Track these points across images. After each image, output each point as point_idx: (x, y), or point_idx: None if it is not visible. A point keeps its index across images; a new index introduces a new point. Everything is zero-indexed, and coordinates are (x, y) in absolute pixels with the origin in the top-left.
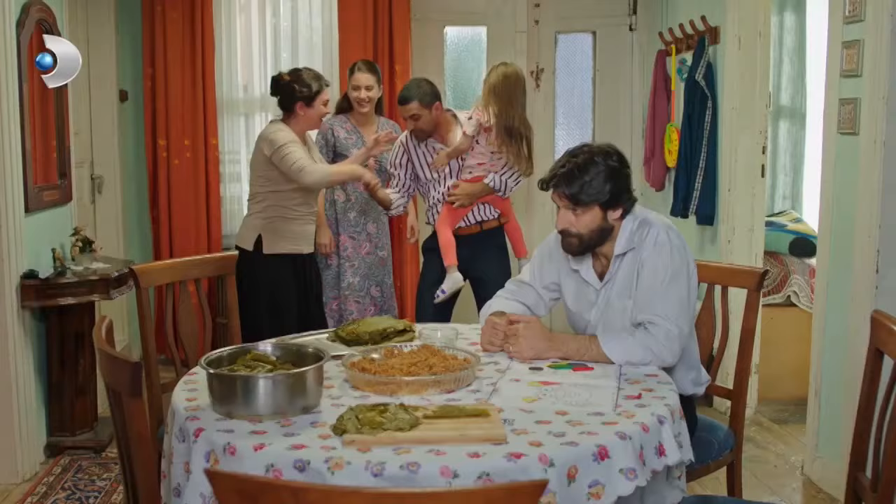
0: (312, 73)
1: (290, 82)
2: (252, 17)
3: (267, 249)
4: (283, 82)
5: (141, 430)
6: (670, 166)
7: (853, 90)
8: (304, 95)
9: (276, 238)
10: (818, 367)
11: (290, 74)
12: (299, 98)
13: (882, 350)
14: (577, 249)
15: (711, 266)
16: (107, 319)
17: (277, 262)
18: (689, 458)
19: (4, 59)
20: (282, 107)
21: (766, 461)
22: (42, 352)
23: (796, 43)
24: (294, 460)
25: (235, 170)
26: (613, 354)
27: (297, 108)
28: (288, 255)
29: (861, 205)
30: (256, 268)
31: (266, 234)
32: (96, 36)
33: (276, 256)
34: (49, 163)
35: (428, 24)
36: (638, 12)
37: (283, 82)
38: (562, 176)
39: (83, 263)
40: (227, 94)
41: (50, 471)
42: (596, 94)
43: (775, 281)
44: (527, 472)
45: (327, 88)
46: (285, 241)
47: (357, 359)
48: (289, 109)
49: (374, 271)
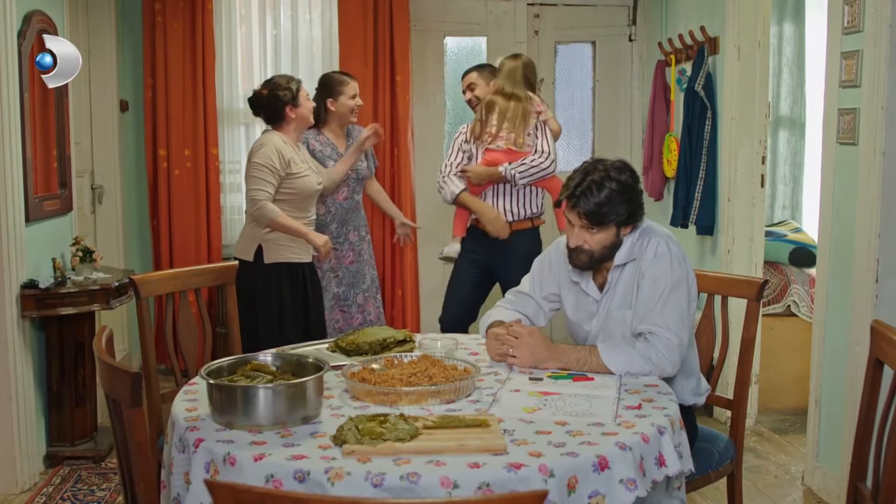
0: (283, 76)
1: (270, 92)
2: (252, 27)
3: (268, 259)
4: (263, 96)
5: (141, 441)
6: (669, 176)
7: (852, 100)
8: (289, 98)
9: (276, 247)
10: (818, 377)
11: (265, 87)
12: (285, 102)
13: (882, 360)
14: (587, 265)
15: (711, 276)
16: (107, 329)
17: (278, 271)
18: (689, 469)
19: (6, 70)
20: (271, 120)
21: (767, 471)
22: (42, 361)
23: (795, 53)
24: (294, 471)
25: (236, 180)
26: (613, 365)
27: (287, 113)
28: (288, 264)
29: (860, 214)
30: (257, 278)
31: (266, 243)
32: (97, 46)
33: (276, 266)
34: (50, 172)
35: (428, 34)
36: (637, 23)
37: (263, 96)
38: (580, 196)
39: (83, 273)
40: (227, 104)
41: (49, 481)
42: (595, 104)
43: (775, 291)
44: (527, 483)
45: (302, 84)
46: (285, 250)
47: (357, 369)
48: (280, 118)
49: (357, 279)
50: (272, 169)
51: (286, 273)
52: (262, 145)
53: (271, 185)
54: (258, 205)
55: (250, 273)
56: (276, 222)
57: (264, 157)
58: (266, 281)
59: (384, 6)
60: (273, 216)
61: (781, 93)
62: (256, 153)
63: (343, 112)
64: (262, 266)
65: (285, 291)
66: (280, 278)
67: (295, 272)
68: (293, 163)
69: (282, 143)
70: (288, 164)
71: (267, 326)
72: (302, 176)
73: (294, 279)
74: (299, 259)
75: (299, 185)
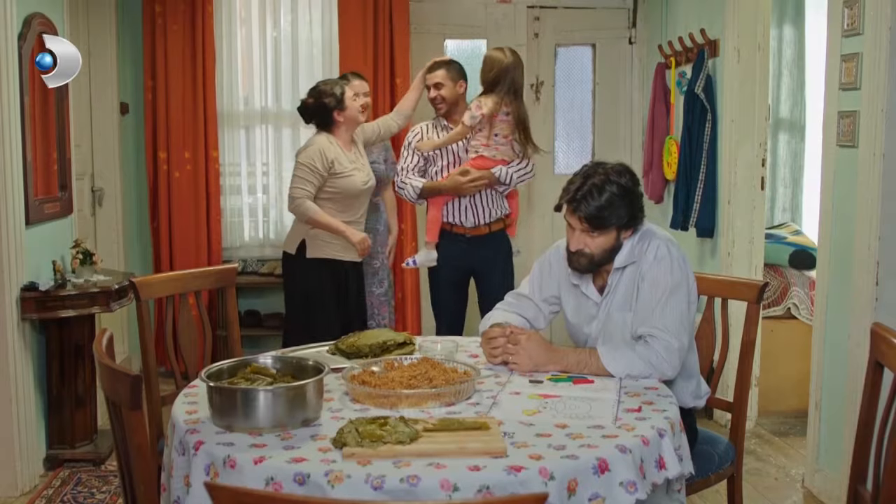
0: (327, 82)
1: (317, 100)
2: (253, 29)
3: (310, 254)
4: (310, 105)
5: (141, 443)
6: (669, 179)
7: (852, 103)
8: (335, 102)
9: (318, 243)
10: (818, 380)
11: (311, 95)
12: (333, 108)
13: (882, 363)
14: (587, 268)
15: (711, 279)
16: (107, 332)
17: (318, 267)
18: (689, 471)
19: (6, 73)
20: (322, 126)
21: (767, 474)
22: (42, 364)
23: (795, 55)
24: (294, 473)
25: (236, 182)
26: (613, 368)
27: (335, 117)
28: (330, 261)
29: (860, 217)
30: (297, 271)
31: (310, 239)
32: (97, 48)
33: (317, 261)
34: (50, 175)
35: (428, 36)
36: (637, 25)
37: (309, 106)
38: (581, 200)
39: (83, 276)
40: (227, 107)
41: (49, 483)
42: (595, 106)
43: (775, 293)
44: (527, 486)
45: (346, 85)
46: (328, 247)
47: (357, 371)
48: (329, 123)
49: (368, 281)
50: (313, 169)
51: (328, 269)
52: (308, 146)
53: (311, 183)
54: (296, 202)
55: (293, 266)
56: (314, 219)
57: (307, 158)
58: (306, 275)
59: (384, 8)
60: (311, 213)
61: (781, 95)
62: (301, 153)
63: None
64: (305, 260)
65: (324, 287)
66: (321, 274)
67: (338, 269)
68: (337, 162)
69: (328, 144)
70: (332, 164)
71: (304, 320)
72: (346, 175)
73: (336, 276)
74: (341, 257)
75: (343, 185)
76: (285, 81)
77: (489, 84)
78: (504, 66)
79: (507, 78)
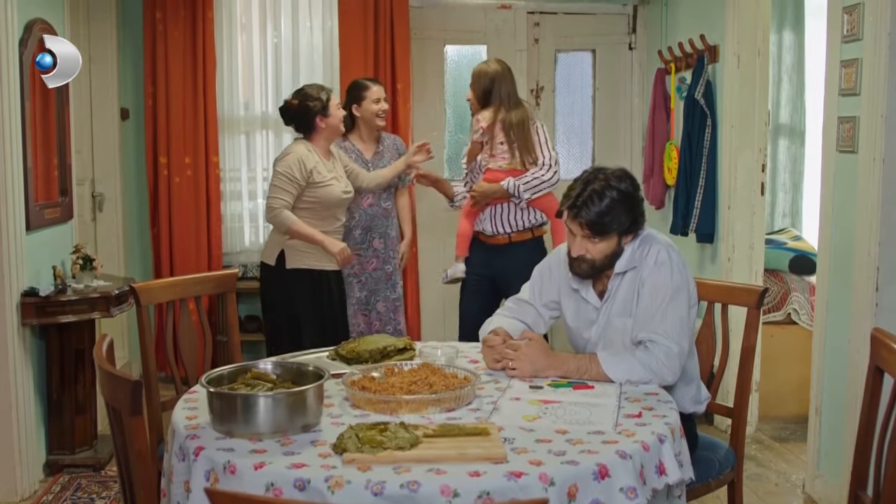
0: (314, 86)
1: (301, 103)
2: (253, 35)
3: (289, 264)
4: (294, 107)
5: (141, 449)
6: (670, 184)
7: (852, 108)
8: (319, 107)
9: (297, 253)
10: (819, 385)
11: (296, 97)
12: (316, 112)
13: (882, 368)
14: (589, 274)
15: (711, 284)
16: (107, 337)
17: (299, 278)
18: (689, 477)
19: (7, 78)
20: (302, 130)
21: (767, 479)
22: (42, 369)
23: (795, 61)
24: (294, 479)
25: (236, 188)
26: (613, 373)
27: (317, 123)
28: (309, 271)
29: (860, 222)
30: (277, 282)
31: (288, 249)
32: (98, 54)
33: (297, 271)
34: (50, 180)
35: (428, 42)
36: (637, 31)
37: (293, 108)
38: (581, 206)
39: (84, 281)
40: (228, 112)
41: (49, 489)
42: (595, 112)
43: (775, 298)
44: (527, 491)
45: (332, 93)
46: (306, 257)
47: (357, 377)
48: (310, 128)
49: (380, 286)
50: (291, 178)
51: (307, 279)
52: (285, 154)
53: (289, 193)
54: (273, 212)
55: (272, 277)
56: (292, 229)
57: (285, 166)
58: (285, 285)
59: (385, 14)
60: (289, 223)
61: (781, 101)
62: (279, 162)
63: (368, 117)
64: (284, 271)
65: (304, 297)
66: (300, 284)
67: (317, 279)
68: (316, 171)
69: (306, 153)
70: (310, 173)
71: (284, 330)
72: (325, 185)
73: (316, 286)
74: (321, 266)
75: (321, 194)
76: (286, 87)
77: (482, 98)
78: (490, 77)
79: (496, 87)
